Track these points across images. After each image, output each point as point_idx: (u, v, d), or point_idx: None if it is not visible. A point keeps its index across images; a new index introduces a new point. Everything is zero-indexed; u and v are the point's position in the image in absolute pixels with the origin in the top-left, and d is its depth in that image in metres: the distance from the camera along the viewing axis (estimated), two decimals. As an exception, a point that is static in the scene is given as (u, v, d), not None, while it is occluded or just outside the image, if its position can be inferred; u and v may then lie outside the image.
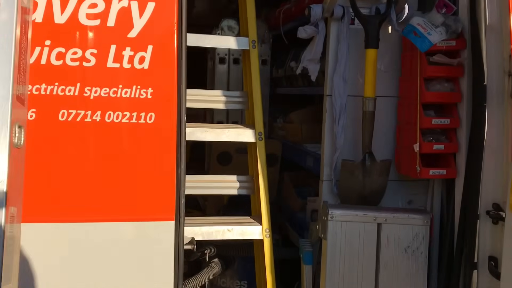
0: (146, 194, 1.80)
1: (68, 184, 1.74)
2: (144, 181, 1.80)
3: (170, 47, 1.83)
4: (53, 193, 1.73)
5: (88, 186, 1.75)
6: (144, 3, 1.80)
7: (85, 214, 1.74)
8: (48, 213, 1.72)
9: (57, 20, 1.74)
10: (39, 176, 1.71)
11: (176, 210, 1.80)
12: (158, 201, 1.82)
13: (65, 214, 1.72)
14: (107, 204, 1.78)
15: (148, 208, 1.80)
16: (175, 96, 1.81)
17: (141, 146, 1.81)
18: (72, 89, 1.74)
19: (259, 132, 2.66)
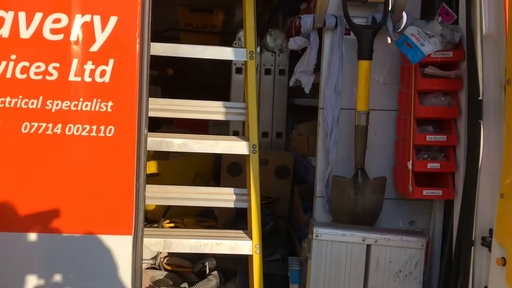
0: (104, 207, 1.81)
1: (28, 195, 1.79)
2: (102, 194, 1.81)
3: (131, 61, 1.83)
4: (13, 203, 1.78)
5: (47, 197, 1.79)
6: (107, 17, 1.82)
7: (42, 225, 1.77)
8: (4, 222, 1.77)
9: (23, 35, 1.80)
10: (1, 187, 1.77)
11: (135, 224, 1.79)
12: (116, 215, 1.82)
13: (22, 224, 1.77)
14: (66, 215, 1.81)
15: (105, 221, 1.81)
16: (135, 110, 1.81)
17: (100, 159, 1.82)
18: (35, 102, 1.79)
19: (253, 145, 2.61)
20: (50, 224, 1.77)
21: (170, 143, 2.53)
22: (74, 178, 1.80)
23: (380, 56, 2.39)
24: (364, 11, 2.36)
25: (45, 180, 1.79)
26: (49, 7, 1.82)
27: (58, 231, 1.77)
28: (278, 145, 3.79)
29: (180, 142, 2.55)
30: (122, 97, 1.83)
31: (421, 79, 2.14)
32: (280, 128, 3.78)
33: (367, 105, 2.30)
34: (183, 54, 2.67)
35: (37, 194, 1.78)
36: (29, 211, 1.79)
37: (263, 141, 3.82)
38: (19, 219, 1.78)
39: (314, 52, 2.38)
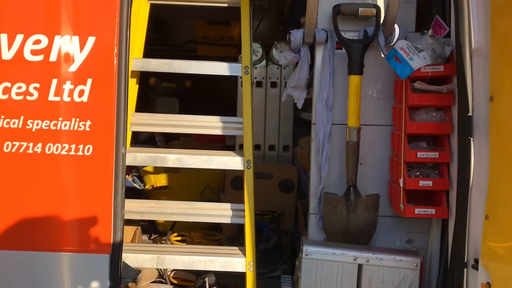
0: (82, 226, 1.83)
1: (9, 212, 1.82)
2: (80, 212, 1.83)
3: (109, 80, 1.85)
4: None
5: (26, 215, 1.82)
6: (85, 37, 1.85)
7: (20, 242, 1.80)
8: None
9: (4, 56, 1.84)
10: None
11: (113, 243, 1.80)
12: (94, 233, 1.83)
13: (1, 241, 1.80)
14: (45, 232, 1.83)
15: (83, 239, 1.82)
16: (113, 129, 1.82)
17: (78, 178, 1.84)
18: (16, 121, 1.83)
19: (248, 160, 2.59)
20: (29, 241, 1.80)
21: (165, 159, 2.54)
22: (54, 197, 1.83)
23: (374, 70, 2.33)
24: (356, 25, 2.32)
25: (26, 198, 1.83)
26: (30, 28, 1.86)
27: (36, 248, 1.80)
28: (284, 159, 3.76)
29: (174, 158, 2.56)
30: (100, 116, 1.85)
31: (411, 94, 2.08)
32: (287, 141, 3.74)
33: (358, 120, 2.25)
34: (178, 70, 2.69)
35: (17, 211, 1.82)
36: (8, 228, 1.82)
37: (270, 154, 3.79)
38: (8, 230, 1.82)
39: (305, 67, 2.35)
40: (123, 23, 1.83)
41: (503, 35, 1.62)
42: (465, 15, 1.88)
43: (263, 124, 3.77)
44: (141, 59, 2.60)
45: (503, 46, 1.61)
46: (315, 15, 2.21)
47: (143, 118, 2.64)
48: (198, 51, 5.83)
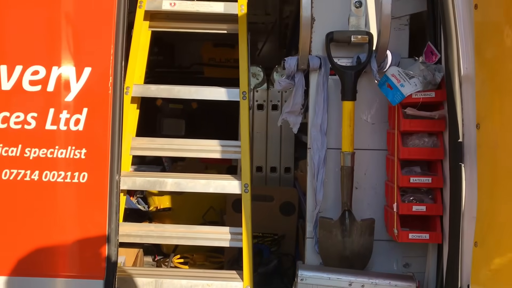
0: (77, 251, 1.86)
1: (4, 238, 1.87)
2: (75, 239, 1.86)
3: (104, 109, 1.90)
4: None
5: (23, 240, 1.86)
6: (81, 68, 1.91)
7: (15, 268, 1.84)
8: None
9: (4, 87, 1.91)
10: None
11: (107, 268, 1.83)
12: (88, 259, 1.86)
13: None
14: (41, 258, 1.87)
15: (78, 265, 1.86)
16: (108, 156, 1.86)
17: (74, 204, 1.88)
18: (15, 150, 1.89)
19: (245, 184, 2.61)
20: (24, 266, 1.84)
21: (163, 183, 2.58)
22: (49, 223, 1.87)
23: (368, 95, 2.36)
24: (349, 51, 2.35)
25: (22, 224, 1.87)
26: (28, 59, 1.93)
27: (31, 274, 1.83)
28: (286, 180, 3.77)
29: (172, 182, 2.59)
30: (95, 144, 1.89)
31: (403, 120, 2.10)
32: (288, 163, 3.76)
33: (352, 145, 2.27)
34: (177, 95, 2.74)
35: (13, 237, 1.86)
36: (4, 254, 1.87)
37: (271, 176, 3.81)
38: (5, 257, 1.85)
39: (300, 93, 2.38)
40: (118, 54, 1.89)
41: (487, 62, 1.64)
42: (453, 42, 1.91)
43: (265, 146, 3.80)
44: (141, 85, 2.66)
45: (488, 74, 1.63)
46: (308, 43, 2.25)
47: (143, 142, 2.69)
48: (204, 73, 5.90)
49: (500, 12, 1.57)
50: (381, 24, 2.12)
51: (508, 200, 1.53)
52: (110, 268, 1.83)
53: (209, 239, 2.74)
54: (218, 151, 2.80)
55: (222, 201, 3.98)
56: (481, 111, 1.66)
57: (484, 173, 1.64)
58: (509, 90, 1.57)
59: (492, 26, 1.62)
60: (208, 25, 3.02)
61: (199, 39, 5.50)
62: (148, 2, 2.63)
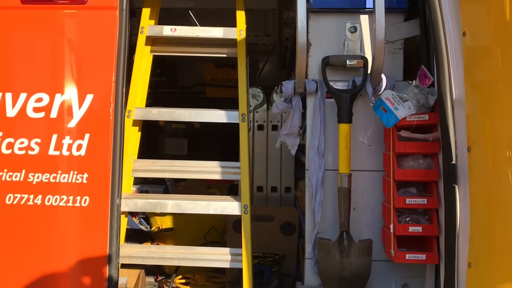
0: (79, 274, 1.89)
1: (7, 262, 1.90)
2: (77, 261, 1.90)
3: (105, 135, 1.96)
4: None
5: (25, 264, 1.89)
6: (83, 95, 1.97)
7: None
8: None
9: (9, 114, 1.97)
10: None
11: (107, 291, 1.86)
12: (90, 281, 1.89)
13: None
14: (43, 282, 1.90)
15: (80, 287, 1.89)
16: (109, 181, 1.91)
17: (75, 228, 1.92)
18: (18, 175, 1.94)
19: (245, 205, 2.65)
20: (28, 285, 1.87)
21: (164, 205, 2.62)
22: (52, 246, 1.91)
23: (364, 117, 2.41)
24: (345, 75, 2.41)
25: (24, 248, 1.91)
26: (32, 87, 2.00)
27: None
28: (286, 200, 3.80)
29: (173, 204, 2.63)
30: (97, 169, 1.94)
31: (398, 142, 2.14)
32: (289, 183, 3.80)
33: (348, 167, 2.31)
34: (178, 118, 2.80)
35: (16, 261, 1.90)
36: (7, 278, 1.90)
37: (272, 195, 3.84)
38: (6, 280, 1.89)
39: (297, 116, 2.43)
40: (119, 81, 1.95)
41: (477, 86, 1.69)
42: (445, 66, 1.96)
43: (265, 166, 3.84)
44: (143, 109, 2.72)
45: (478, 98, 1.68)
46: (305, 67, 2.31)
47: (145, 164, 2.73)
48: (206, 93, 5.96)
49: (486, 39, 1.63)
50: (375, 49, 2.18)
51: (499, 221, 1.56)
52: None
53: (210, 260, 2.77)
54: (219, 172, 2.84)
55: (224, 221, 4.01)
56: (472, 134, 1.70)
57: (476, 195, 1.67)
58: (498, 113, 1.61)
59: (480, 51, 1.68)
60: (208, 49, 3.09)
61: (201, 60, 5.58)
62: (150, 28, 2.71)
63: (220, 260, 2.76)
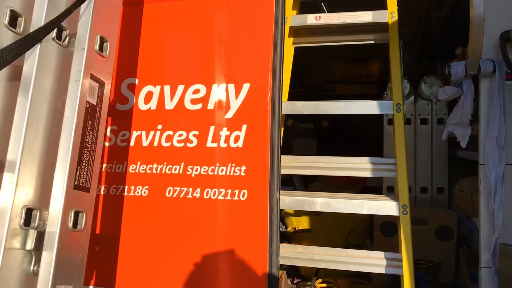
0: (237, 272, 1.79)
1: (168, 256, 1.87)
2: (235, 259, 1.80)
3: (263, 125, 1.83)
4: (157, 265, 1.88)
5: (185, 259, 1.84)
6: (240, 85, 1.87)
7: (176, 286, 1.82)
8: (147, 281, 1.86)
9: (167, 106, 1.94)
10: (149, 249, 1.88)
11: (268, 291, 1.73)
12: (248, 281, 1.78)
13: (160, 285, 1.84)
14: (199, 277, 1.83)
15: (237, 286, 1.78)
16: (267, 174, 1.78)
17: (234, 224, 1.82)
18: (177, 167, 1.89)
19: (404, 205, 2.39)
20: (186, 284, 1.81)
21: (313, 203, 2.47)
22: (209, 242, 1.83)
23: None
24: (529, 50, 2.04)
25: (183, 243, 1.86)
26: (189, 79, 1.95)
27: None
28: (439, 202, 3.44)
29: (322, 202, 2.47)
30: (255, 161, 1.83)
31: None
32: (441, 183, 3.43)
33: (538, 160, 1.94)
34: (324, 111, 2.62)
35: (176, 255, 1.85)
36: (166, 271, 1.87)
37: (422, 197, 3.50)
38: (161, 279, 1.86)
39: (469, 102, 2.11)
40: (276, 68, 1.82)
41: None
42: None
43: (413, 164, 3.51)
44: (288, 102, 2.59)
45: None
46: (480, 45, 1.99)
47: (288, 160, 2.60)
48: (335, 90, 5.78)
49: None
50: None
51: None
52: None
53: (362, 265, 2.54)
54: (370, 169, 2.61)
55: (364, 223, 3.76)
56: None
57: None
58: None
59: None
60: (352, 36, 2.88)
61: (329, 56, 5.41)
62: (293, 18, 2.58)
63: (374, 264, 2.52)
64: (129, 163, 1.95)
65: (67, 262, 1.25)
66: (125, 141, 1.98)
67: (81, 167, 1.33)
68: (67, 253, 1.26)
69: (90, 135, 1.37)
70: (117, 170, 1.96)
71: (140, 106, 1.99)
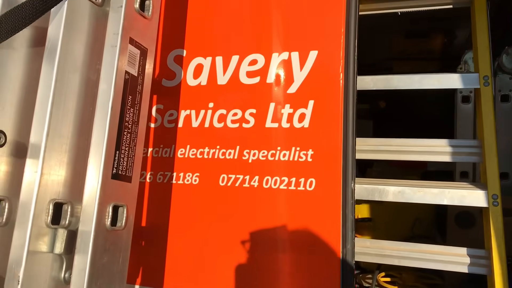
0: (301, 278, 1.52)
1: (223, 257, 1.62)
2: (300, 259, 1.52)
3: (334, 101, 1.53)
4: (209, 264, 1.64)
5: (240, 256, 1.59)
6: (306, 52, 1.56)
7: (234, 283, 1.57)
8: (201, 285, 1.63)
9: (220, 81, 1.67)
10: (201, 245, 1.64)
11: (341, 299, 1.45)
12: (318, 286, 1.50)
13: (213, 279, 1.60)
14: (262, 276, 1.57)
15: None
16: (340, 159, 1.49)
17: (299, 218, 1.54)
18: (232, 152, 1.63)
19: (494, 195, 2.05)
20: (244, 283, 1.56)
21: (384, 192, 2.17)
22: (270, 239, 1.56)
23: None
24: None
25: (240, 237, 1.60)
26: (245, 48, 1.67)
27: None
28: (522, 190, 3.02)
29: (395, 191, 2.16)
30: (324, 144, 1.54)
31: None
32: (524, 175, 3.00)
33: None
34: (396, 86, 2.30)
35: (231, 254, 1.60)
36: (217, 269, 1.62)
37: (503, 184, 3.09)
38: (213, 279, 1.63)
39: None
40: (351, 31, 1.51)
41: None
42: None
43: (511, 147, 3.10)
44: (355, 77, 2.27)
45: None
46: None
47: (354, 143, 2.30)
48: (393, 68, 5.40)
49: None
50: None
51: None
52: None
53: (442, 262, 2.23)
54: (448, 153, 2.28)
55: (429, 211, 3.43)
56: None
57: None
58: None
59: None
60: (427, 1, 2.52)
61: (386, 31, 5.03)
62: (359, -20, 2.24)
63: (454, 262, 2.21)
64: (177, 146, 1.71)
65: (105, 267, 1.02)
66: (173, 122, 1.73)
67: (121, 152, 1.09)
68: (105, 256, 1.03)
69: (130, 112, 1.13)
70: (164, 155, 1.72)
71: (188, 82, 1.73)
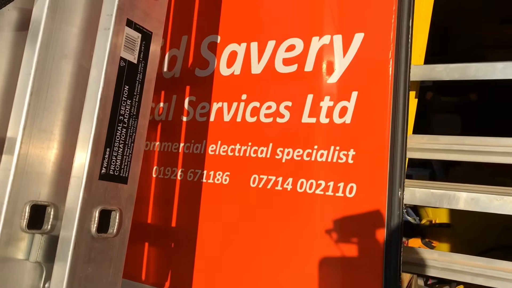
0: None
1: (253, 264, 1.45)
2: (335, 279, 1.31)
3: (382, 93, 1.28)
4: (239, 270, 1.48)
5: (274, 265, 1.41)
6: (350, 36, 1.33)
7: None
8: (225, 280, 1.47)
9: (254, 70, 1.49)
10: (230, 249, 1.49)
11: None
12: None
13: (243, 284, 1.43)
14: None
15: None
16: (387, 162, 1.25)
17: (335, 229, 1.33)
18: (264, 150, 1.45)
19: None
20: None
21: (454, 198, 1.88)
22: (303, 248, 1.37)
23: None
24: None
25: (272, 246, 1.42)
26: (282, 32, 1.47)
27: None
28: None
29: (468, 198, 1.87)
30: (368, 144, 1.30)
31: None
32: None
33: None
34: (474, 76, 1.97)
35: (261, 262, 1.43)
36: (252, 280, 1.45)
37: None
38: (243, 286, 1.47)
39: None
40: (404, 10, 1.26)
41: None
42: None
43: None
44: (423, 66, 1.98)
45: None
46: None
47: (423, 141, 2.02)
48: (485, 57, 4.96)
49: None
50: None
51: None
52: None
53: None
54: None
55: (522, 219, 3.00)
56: None
57: None
58: None
59: None
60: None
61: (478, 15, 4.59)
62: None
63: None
64: (208, 142, 1.56)
65: (88, 279, 0.90)
66: (205, 115, 1.59)
67: (112, 149, 0.96)
68: (89, 267, 0.91)
69: (127, 104, 0.99)
70: (195, 151, 1.59)
71: (221, 71, 1.57)
